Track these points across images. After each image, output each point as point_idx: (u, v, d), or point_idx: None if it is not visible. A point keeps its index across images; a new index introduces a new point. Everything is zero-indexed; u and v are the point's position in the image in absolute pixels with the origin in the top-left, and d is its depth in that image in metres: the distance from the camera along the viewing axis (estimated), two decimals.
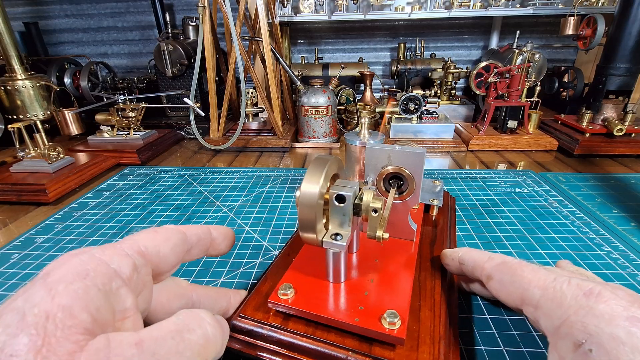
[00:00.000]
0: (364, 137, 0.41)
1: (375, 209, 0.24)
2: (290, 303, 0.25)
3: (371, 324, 0.23)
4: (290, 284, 0.26)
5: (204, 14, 0.69)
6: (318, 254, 0.30)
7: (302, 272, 0.28)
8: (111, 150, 0.71)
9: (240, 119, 0.71)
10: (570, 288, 0.20)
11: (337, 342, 0.24)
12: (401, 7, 0.97)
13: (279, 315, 0.26)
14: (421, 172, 0.29)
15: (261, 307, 0.27)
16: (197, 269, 0.38)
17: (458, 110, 0.92)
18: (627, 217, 0.46)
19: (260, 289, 0.28)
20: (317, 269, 0.28)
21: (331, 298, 0.26)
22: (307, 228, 0.24)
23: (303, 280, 0.27)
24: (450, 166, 0.66)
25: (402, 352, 0.23)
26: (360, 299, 0.26)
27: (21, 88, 0.76)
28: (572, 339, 0.18)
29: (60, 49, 1.22)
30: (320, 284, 0.27)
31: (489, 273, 0.25)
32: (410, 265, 0.29)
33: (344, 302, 0.25)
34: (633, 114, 0.67)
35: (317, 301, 0.25)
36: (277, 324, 0.25)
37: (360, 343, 0.24)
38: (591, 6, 0.89)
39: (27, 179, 0.57)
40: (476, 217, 0.46)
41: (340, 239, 0.25)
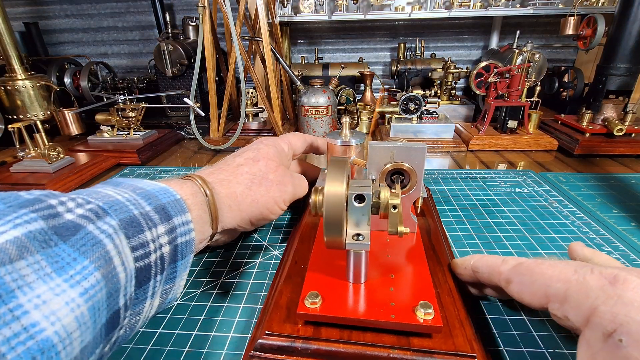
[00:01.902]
0: (345, 137, 0.41)
1: (395, 205, 0.25)
2: (320, 311, 0.24)
3: (407, 318, 0.24)
4: (316, 291, 0.25)
5: (204, 14, 0.69)
6: (331, 257, 0.30)
7: (320, 277, 0.28)
8: (111, 150, 0.71)
9: (241, 119, 0.71)
10: (594, 277, 0.20)
11: (375, 341, 0.24)
12: (401, 7, 0.97)
13: (308, 325, 0.25)
14: (422, 166, 0.30)
15: (286, 320, 0.26)
16: (197, 268, 0.38)
17: (458, 110, 0.92)
18: (627, 217, 0.46)
19: (279, 303, 0.27)
20: (334, 272, 0.28)
21: (360, 299, 0.26)
22: (335, 231, 0.24)
23: (324, 285, 0.27)
24: (450, 166, 0.66)
25: (440, 339, 0.24)
26: (388, 296, 0.26)
27: (21, 88, 0.76)
28: (601, 330, 0.18)
29: (60, 49, 1.22)
30: (342, 287, 0.27)
31: (507, 277, 0.25)
32: (420, 256, 0.30)
33: (374, 301, 0.25)
34: (633, 114, 0.67)
35: (347, 305, 0.25)
36: (310, 335, 0.24)
37: (398, 338, 0.24)
38: (591, 6, 0.89)
39: (27, 179, 0.57)
40: (476, 217, 0.46)
41: (363, 239, 0.25)
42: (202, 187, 0.32)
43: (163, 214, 0.26)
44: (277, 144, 0.40)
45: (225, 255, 0.40)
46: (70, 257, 0.19)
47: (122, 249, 0.22)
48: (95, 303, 0.19)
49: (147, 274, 0.24)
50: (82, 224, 0.21)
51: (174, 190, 0.29)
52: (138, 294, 0.24)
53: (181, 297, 0.34)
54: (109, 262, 0.21)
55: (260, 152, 0.38)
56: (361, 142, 0.42)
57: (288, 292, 0.28)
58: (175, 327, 0.30)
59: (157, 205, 0.27)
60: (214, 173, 0.35)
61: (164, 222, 0.26)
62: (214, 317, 0.31)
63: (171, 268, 0.27)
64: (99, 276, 0.20)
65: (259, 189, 0.35)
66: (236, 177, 0.35)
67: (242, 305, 0.32)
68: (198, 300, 0.33)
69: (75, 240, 0.20)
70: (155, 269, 0.25)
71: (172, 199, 0.28)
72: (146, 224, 0.25)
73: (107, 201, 0.24)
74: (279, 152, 0.40)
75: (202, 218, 0.31)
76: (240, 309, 0.32)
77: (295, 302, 0.26)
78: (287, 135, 0.44)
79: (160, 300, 0.27)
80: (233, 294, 0.34)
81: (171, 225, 0.27)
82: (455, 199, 0.51)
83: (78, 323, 0.18)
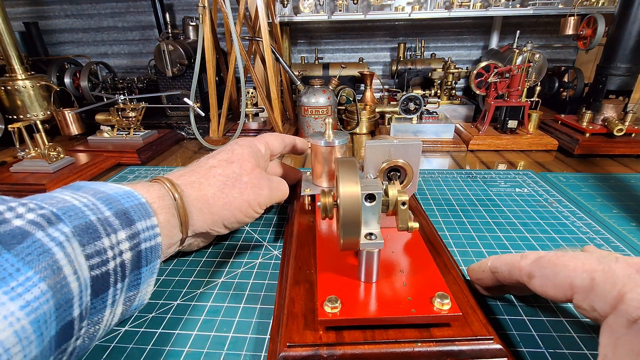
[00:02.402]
0: (329, 138, 0.41)
1: (404, 202, 0.25)
2: (342, 315, 0.24)
3: (427, 310, 0.24)
4: (334, 295, 0.25)
5: (204, 14, 0.69)
6: (338, 259, 0.30)
7: (332, 280, 0.27)
8: (111, 150, 0.71)
9: (241, 119, 0.71)
10: (620, 266, 0.20)
11: (399, 338, 0.24)
12: (401, 7, 0.97)
13: (330, 331, 0.25)
14: (418, 162, 0.31)
15: (305, 329, 0.25)
16: (197, 268, 0.38)
17: (458, 110, 0.92)
18: (627, 217, 0.46)
19: (294, 312, 0.26)
20: (344, 273, 0.28)
21: (378, 298, 0.26)
22: (353, 232, 0.24)
23: (339, 288, 0.26)
24: (450, 166, 0.66)
25: (458, 327, 0.25)
26: (404, 291, 0.26)
27: (21, 88, 0.76)
28: (626, 316, 0.18)
29: (61, 49, 1.22)
30: (357, 288, 0.27)
31: (528, 271, 0.25)
32: (423, 249, 0.30)
33: (392, 298, 0.26)
34: (633, 114, 0.67)
35: (367, 305, 0.25)
36: (334, 341, 0.24)
37: (420, 331, 0.24)
38: (591, 6, 0.89)
39: (28, 179, 0.57)
40: (476, 217, 0.46)
41: (376, 238, 0.25)
42: (170, 190, 0.31)
43: (124, 218, 0.26)
44: (253, 144, 0.39)
45: (225, 256, 0.40)
46: (14, 268, 0.18)
47: (75, 257, 0.21)
48: (39, 315, 0.18)
49: (106, 282, 0.24)
50: (31, 231, 0.20)
51: (139, 193, 0.28)
52: (95, 303, 0.23)
53: (181, 297, 0.34)
54: (57, 272, 0.20)
55: (235, 153, 0.37)
56: (345, 142, 0.42)
57: (300, 300, 0.27)
58: (175, 327, 0.30)
59: (119, 209, 0.26)
60: (185, 175, 0.34)
61: (125, 228, 0.25)
62: (214, 317, 0.31)
63: (134, 275, 0.26)
64: (45, 287, 0.19)
65: (232, 192, 0.35)
66: (208, 179, 0.34)
67: (242, 305, 0.32)
68: (198, 300, 0.33)
69: (21, 249, 0.19)
70: (114, 277, 0.24)
71: (135, 203, 0.27)
72: (104, 230, 0.24)
73: (62, 207, 0.23)
74: (255, 153, 0.39)
75: (169, 222, 0.30)
76: (240, 309, 0.32)
77: (310, 308, 0.26)
78: (264, 136, 0.43)
79: (123, 308, 0.26)
80: (233, 294, 0.34)
81: (133, 231, 0.26)
82: (455, 199, 0.51)
83: (18, 337, 0.17)
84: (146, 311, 0.32)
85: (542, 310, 0.31)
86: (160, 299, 0.34)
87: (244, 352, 0.28)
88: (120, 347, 0.29)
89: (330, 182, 0.44)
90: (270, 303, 0.33)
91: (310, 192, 0.43)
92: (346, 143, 0.42)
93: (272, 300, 0.33)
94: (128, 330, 0.30)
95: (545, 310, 0.31)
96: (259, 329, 0.30)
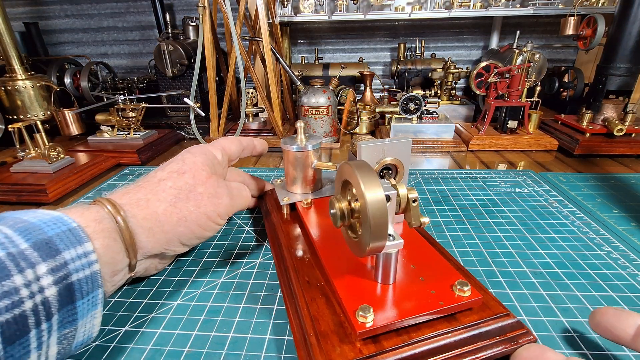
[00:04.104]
0: (301, 142, 0.40)
1: (415, 199, 0.25)
2: (378, 322, 0.23)
3: (453, 299, 0.25)
4: (365, 304, 0.24)
5: (204, 14, 0.69)
6: (346, 265, 0.29)
7: (351, 289, 0.27)
8: (111, 150, 0.71)
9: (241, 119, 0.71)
10: None
11: (433, 332, 0.25)
12: (401, 7, 0.97)
13: (367, 341, 0.24)
14: (409, 159, 0.32)
15: (341, 345, 0.24)
16: (197, 268, 0.38)
17: (458, 110, 0.92)
18: (627, 217, 0.46)
19: (322, 330, 0.25)
20: (359, 278, 0.28)
21: (404, 297, 0.26)
22: (381, 237, 0.23)
23: (361, 295, 0.26)
24: (450, 166, 0.66)
25: (479, 309, 0.26)
26: (424, 286, 0.27)
27: (21, 88, 0.76)
28: None
29: (61, 49, 1.22)
30: (380, 291, 0.26)
31: None
32: (422, 242, 0.31)
33: (417, 295, 0.26)
34: (633, 114, 0.67)
35: (398, 307, 0.25)
36: (375, 351, 0.23)
37: (448, 321, 0.25)
38: (591, 6, 0.89)
39: (27, 179, 0.57)
40: (476, 217, 0.46)
41: (394, 239, 0.25)
42: (111, 211, 0.28)
43: (46, 249, 0.22)
44: (206, 151, 0.36)
45: (225, 256, 0.40)
46: None
47: None
48: None
49: (22, 326, 0.20)
50: None
51: (70, 218, 0.25)
52: (12, 351, 0.20)
53: (181, 297, 0.34)
54: None
55: (186, 162, 0.34)
56: (318, 147, 0.41)
57: (324, 316, 0.26)
58: (175, 327, 0.30)
59: (39, 239, 0.23)
60: (130, 193, 0.31)
61: (48, 259, 0.22)
62: (214, 317, 0.31)
63: (66, 311, 0.23)
64: None
65: (186, 205, 0.32)
66: (157, 194, 0.31)
67: (242, 305, 0.32)
68: (198, 300, 0.33)
69: None
70: (35, 318, 0.21)
71: (63, 230, 0.24)
72: (16, 266, 0.21)
73: None
74: (210, 160, 0.36)
75: (110, 247, 0.27)
76: (240, 309, 0.32)
77: (337, 322, 0.25)
78: (219, 141, 0.40)
79: (60, 348, 0.23)
80: (233, 294, 0.34)
81: (58, 262, 0.23)
82: (455, 199, 0.51)
83: None
84: (146, 311, 0.32)
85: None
86: (160, 299, 0.34)
87: (244, 352, 0.28)
88: (120, 347, 0.29)
89: (306, 188, 0.43)
90: (271, 303, 0.33)
91: (290, 201, 0.41)
92: (319, 147, 0.41)
93: (273, 301, 0.33)
94: (128, 330, 0.30)
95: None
96: (259, 329, 0.30)
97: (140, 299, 0.34)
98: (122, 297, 0.34)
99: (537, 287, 0.34)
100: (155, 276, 0.37)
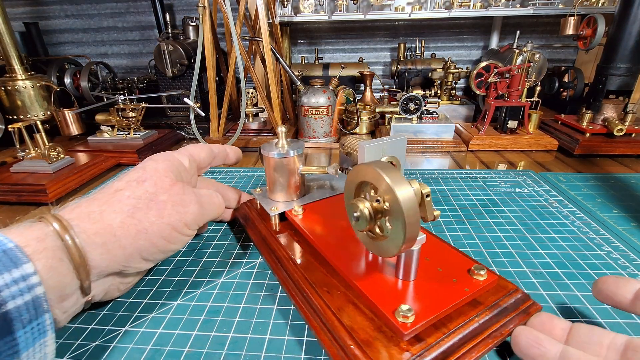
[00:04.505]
0: (283, 148, 0.38)
1: (428, 194, 0.25)
2: (420, 319, 0.24)
3: (474, 284, 0.27)
4: (403, 304, 0.24)
5: (204, 14, 0.69)
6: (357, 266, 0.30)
7: (377, 290, 0.27)
8: (111, 150, 0.71)
9: (241, 119, 0.71)
10: None
11: (465, 319, 0.26)
12: (401, 7, 0.97)
13: (411, 341, 0.24)
14: (404, 156, 0.33)
15: (388, 350, 0.24)
16: (197, 268, 0.38)
17: (458, 110, 0.92)
18: (627, 217, 0.46)
19: (364, 339, 0.24)
20: (378, 277, 0.28)
21: (431, 291, 0.26)
22: (414, 233, 0.23)
23: (392, 296, 0.26)
24: (450, 166, 0.66)
25: (498, 288, 0.28)
26: (444, 276, 0.28)
27: (21, 88, 0.76)
28: None
29: (61, 49, 1.22)
30: (407, 288, 0.27)
31: None
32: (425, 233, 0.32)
33: (441, 286, 0.27)
34: (633, 114, 0.67)
35: (432, 301, 0.25)
36: (421, 349, 0.24)
37: (473, 306, 0.27)
38: (591, 6, 0.89)
39: (27, 179, 0.57)
40: (476, 217, 0.46)
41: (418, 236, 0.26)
42: (57, 229, 0.25)
43: None
44: (171, 158, 0.34)
45: (226, 256, 0.40)
46: None
47: None
48: None
49: None
50: None
51: (5, 238, 0.22)
52: None
53: (181, 297, 0.34)
54: None
55: (147, 170, 0.31)
56: (301, 152, 0.39)
57: (360, 325, 0.26)
58: (175, 327, 0.30)
59: None
60: (81, 206, 0.28)
61: None
62: (214, 317, 0.31)
63: (4, 343, 0.20)
64: None
65: (146, 215, 0.29)
66: (112, 205, 0.28)
67: (242, 306, 0.32)
68: (198, 300, 0.33)
69: None
70: None
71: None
72: None
73: None
74: (175, 166, 0.33)
75: (55, 268, 0.24)
76: (240, 309, 0.32)
77: (374, 327, 0.25)
78: (187, 147, 0.38)
79: None
80: (233, 294, 0.34)
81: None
82: (455, 199, 0.51)
83: None
84: (146, 311, 0.32)
85: None
86: (160, 299, 0.34)
87: (244, 352, 0.28)
88: (120, 347, 0.29)
89: (288, 196, 0.40)
90: (271, 303, 0.33)
91: (279, 211, 0.39)
92: (302, 152, 0.40)
93: (273, 301, 0.33)
94: (128, 330, 0.30)
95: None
96: (259, 329, 0.30)
97: (140, 299, 0.34)
98: (122, 297, 0.34)
99: (537, 287, 0.34)
100: (156, 276, 0.37)
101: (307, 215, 0.38)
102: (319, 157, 0.73)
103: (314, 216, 0.38)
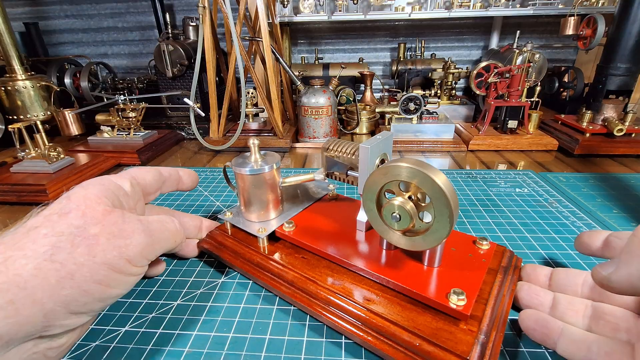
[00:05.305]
0: (256, 163, 0.34)
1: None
2: (470, 299, 0.25)
3: (489, 254, 0.30)
4: (456, 287, 0.26)
5: (204, 14, 0.69)
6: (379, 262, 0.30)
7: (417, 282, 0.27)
8: (111, 150, 0.71)
9: (241, 119, 0.71)
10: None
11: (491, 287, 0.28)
12: (401, 7, 0.97)
13: (468, 321, 0.25)
14: (391, 151, 0.34)
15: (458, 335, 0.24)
16: (197, 269, 0.38)
17: (458, 110, 0.92)
18: (627, 217, 0.46)
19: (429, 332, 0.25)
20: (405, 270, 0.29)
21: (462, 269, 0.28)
22: (456, 218, 0.25)
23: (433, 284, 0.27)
24: (451, 166, 0.66)
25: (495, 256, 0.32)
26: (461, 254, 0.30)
27: (21, 88, 0.76)
28: None
29: (60, 49, 1.22)
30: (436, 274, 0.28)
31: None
32: None
33: (465, 263, 0.29)
34: (633, 114, 0.67)
35: (468, 279, 0.27)
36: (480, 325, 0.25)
37: (489, 273, 0.30)
38: (591, 6, 0.89)
39: (27, 180, 0.57)
40: (476, 217, 0.46)
41: None
42: None
43: None
44: (106, 182, 0.28)
45: None
46: None
47: None
48: None
49: None
50: None
51: None
52: None
53: (181, 297, 0.34)
54: None
55: (72, 199, 0.25)
56: (278, 165, 0.35)
57: (414, 319, 0.26)
58: (175, 327, 0.30)
59: None
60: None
61: None
62: (214, 317, 0.31)
63: None
64: None
65: (72, 255, 0.23)
66: (22, 248, 0.22)
67: (242, 306, 0.32)
68: (198, 300, 0.33)
69: None
70: None
71: None
72: None
73: None
74: (110, 191, 0.27)
75: None
76: (240, 309, 0.32)
77: (437, 319, 0.26)
78: (129, 170, 0.32)
79: None
80: (233, 294, 0.34)
81: None
82: None
83: None
84: (146, 311, 0.32)
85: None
86: (160, 299, 0.34)
87: (244, 352, 0.28)
88: (120, 347, 0.29)
89: (271, 213, 0.37)
90: (271, 303, 0.33)
91: (267, 232, 0.35)
92: (279, 165, 0.35)
93: (273, 301, 0.33)
94: (128, 330, 0.30)
95: None
96: (259, 329, 0.30)
97: (140, 299, 0.34)
98: (122, 297, 0.34)
99: None
100: (155, 276, 0.37)
101: (300, 227, 0.35)
102: (319, 157, 0.73)
103: (308, 226, 0.35)
